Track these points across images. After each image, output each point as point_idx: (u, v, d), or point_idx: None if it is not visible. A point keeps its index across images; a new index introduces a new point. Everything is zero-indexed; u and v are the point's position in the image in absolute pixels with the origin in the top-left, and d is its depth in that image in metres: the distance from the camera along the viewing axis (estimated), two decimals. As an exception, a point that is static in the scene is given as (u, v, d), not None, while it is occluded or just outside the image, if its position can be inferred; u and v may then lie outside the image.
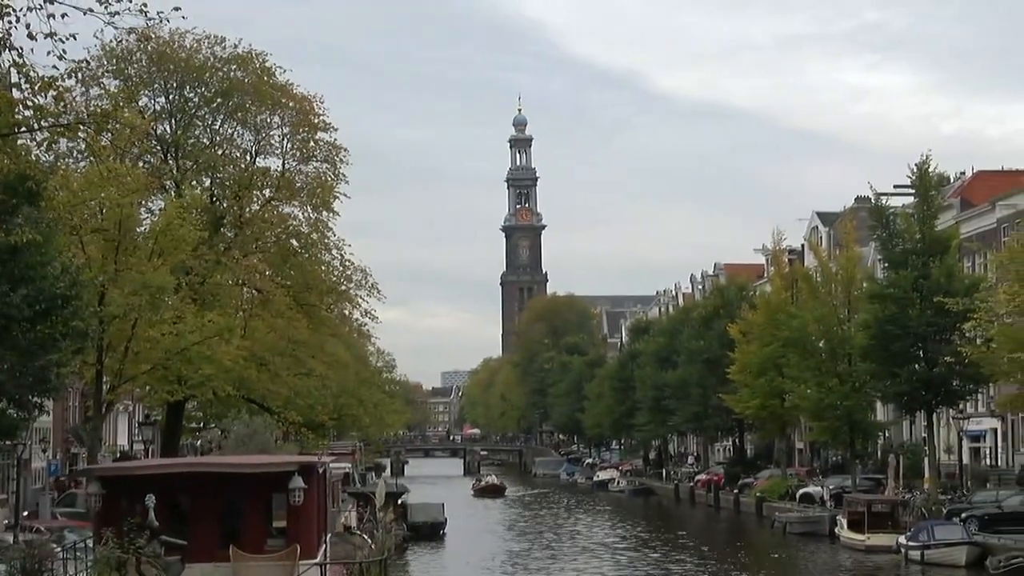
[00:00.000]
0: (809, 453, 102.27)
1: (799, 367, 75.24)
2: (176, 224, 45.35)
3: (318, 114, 56.51)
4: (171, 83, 55.74)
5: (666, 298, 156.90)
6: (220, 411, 64.79)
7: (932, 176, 67.20)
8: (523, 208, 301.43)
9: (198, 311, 48.51)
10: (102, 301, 42.60)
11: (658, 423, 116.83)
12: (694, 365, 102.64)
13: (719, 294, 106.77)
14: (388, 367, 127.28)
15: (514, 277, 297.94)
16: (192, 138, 56.34)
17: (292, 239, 57.47)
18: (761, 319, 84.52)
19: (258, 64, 55.80)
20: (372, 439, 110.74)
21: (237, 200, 55.37)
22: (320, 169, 56.93)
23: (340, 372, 67.04)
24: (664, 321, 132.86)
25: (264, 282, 54.62)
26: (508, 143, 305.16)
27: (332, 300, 58.92)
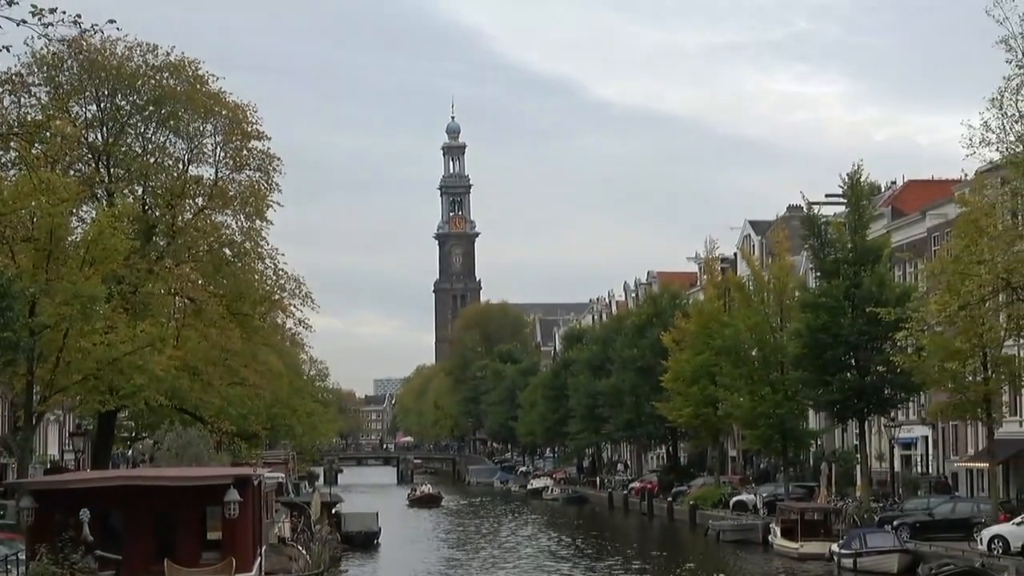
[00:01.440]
0: (742, 461, 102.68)
1: (732, 375, 75.55)
2: (108, 233, 45.00)
3: (251, 122, 56.36)
4: (102, 91, 55.29)
5: (599, 306, 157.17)
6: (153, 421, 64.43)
7: (863, 185, 67.67)
8: (456, 216, 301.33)
9: (130, 321, 48.17)
10: (33, 311, 42.17)
11: (591, 431, 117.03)
12: (627, 373, 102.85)
13: (652, 302, 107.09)
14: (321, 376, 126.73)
15: (447, 285, 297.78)
16: (124, 146, 55.90)
17: (225, 248, 57.17)
18: (694, 327, 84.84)
19: (191, 72, 55.51)
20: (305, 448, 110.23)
21: (170, 209, 55.05)
22: (253, 178, 56.76)
23: (273, 381, 66.77)
24: (597, 329, 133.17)
25: (197, 291, 54.36)
26: (441, 150, 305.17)
27: (265, 309, 58.68)
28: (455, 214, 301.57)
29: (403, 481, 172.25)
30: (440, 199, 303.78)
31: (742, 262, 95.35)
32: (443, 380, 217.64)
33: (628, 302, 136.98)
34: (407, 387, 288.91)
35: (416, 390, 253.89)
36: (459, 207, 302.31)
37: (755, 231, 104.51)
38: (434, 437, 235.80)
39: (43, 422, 68.38)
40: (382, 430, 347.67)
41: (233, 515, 29.09)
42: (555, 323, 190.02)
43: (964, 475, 72.13)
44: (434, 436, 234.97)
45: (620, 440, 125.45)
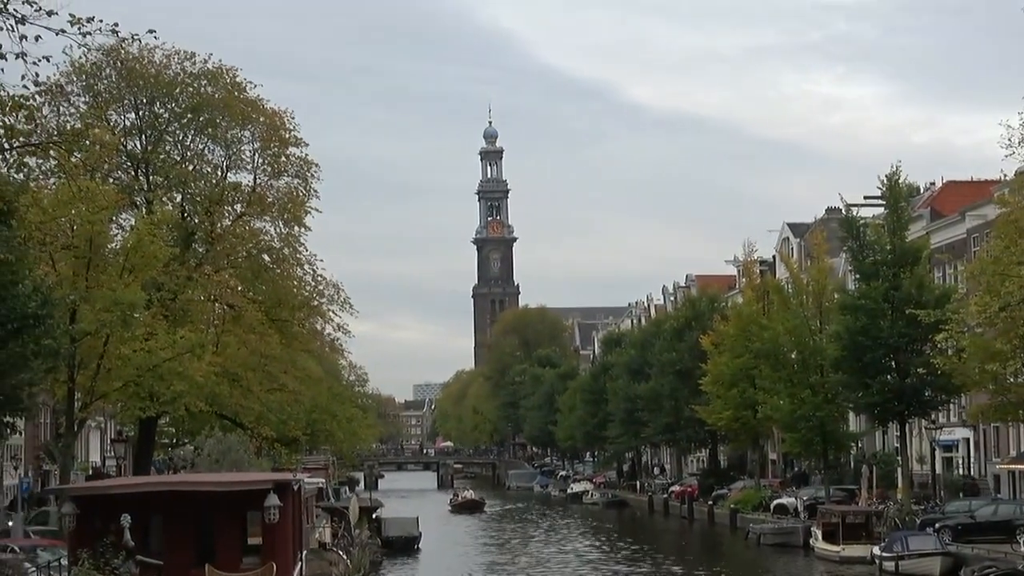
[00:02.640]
0: (782, 464, 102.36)
1: (771, 378, 75.32)
2: (147, 240, 45.28)
3: (289, 129, 56.59)
4: (141, 99, 55.64)
5: (638, 310, 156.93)
6: (193, 427, 64.66)
7: (902, 187, 67.34)
8: (494, 220, 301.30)
9: (170, 327, 48.43)
10: (73, 319, 42.48)
11: (631, 435, 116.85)
12: (666, 377, 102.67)
13: (691, 306, 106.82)
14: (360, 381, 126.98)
15: (486, 289, 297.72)
16: (162, 154, 56.24)
17: (264, 254, 57.44)
18: (733, 330, 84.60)
19: (228, 79, 55.76)
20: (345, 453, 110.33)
21: (208, 216, 55.29)
22: (291, 184, 57.01)
23: (312, 387, 66.99)
24: (636, 333, 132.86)
25: (236, 297, 54.58)
26: (479, 155, 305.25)
27: (304, 315, 58.91)
28: (493, 219, 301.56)
29: (443, 486, 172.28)
30: (478, 204, 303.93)
31: (780, 265, 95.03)
32: (482, 385, 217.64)
33: (666, 305, 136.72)
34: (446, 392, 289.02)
35: (455, 395, 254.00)
36: (497, 212, 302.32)
37: (793, 234, 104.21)
38: (473, 442, 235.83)
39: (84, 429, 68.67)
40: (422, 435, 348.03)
41: (273, 520, 29.17)
42: (594, 327, 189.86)
43: (1006, 477, 71.70)
44: (473, 441, 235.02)
45: (660, 444, 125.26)
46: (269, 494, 29.24)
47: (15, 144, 19.84)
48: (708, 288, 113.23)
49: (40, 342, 34.49)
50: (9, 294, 32.50)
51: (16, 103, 18.47)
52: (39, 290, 34.61)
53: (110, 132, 49.72)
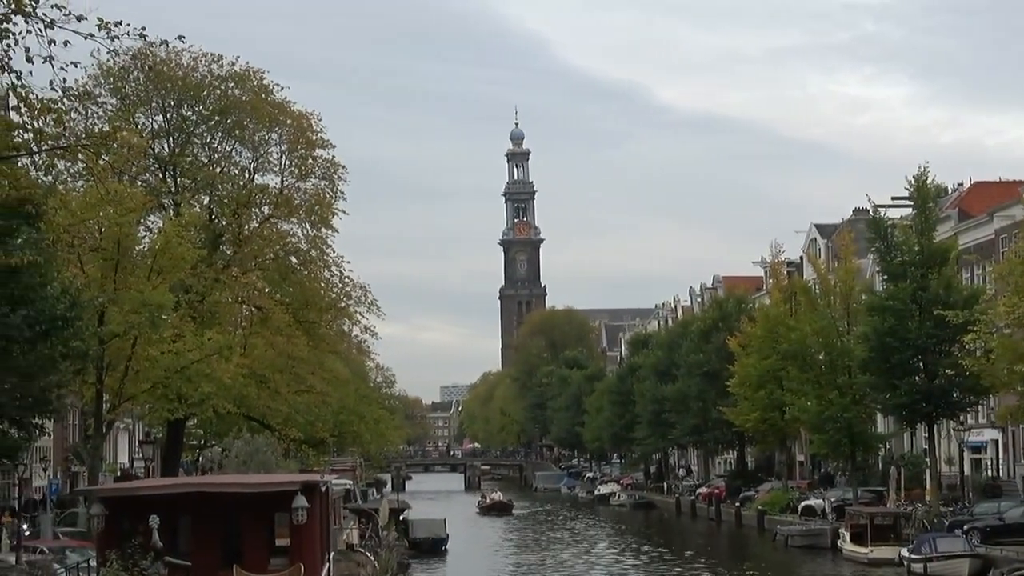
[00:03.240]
0: (810, 466, 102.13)
1: (799, 379, 75.17)
2: (175, 242, 45.41)
3: (316, 131, 56.67)
4: (168, 101, 55.81)
5: (665, 311, 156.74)
6: (221, 429, 64.85)
7: (930, 187, 67.14)
8: (521, 222, 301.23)
9: (197, 329, 48.56)
10: (102, 321, 42.63)
11: (658, 436, 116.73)
12: (693, 378, 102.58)
13: (718, 307, 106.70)
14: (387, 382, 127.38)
15: (512, 291, 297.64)
16: (190, 156, 56.40)
17: (291, 256, 57.56)
18: (760, 332, 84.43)
19: (255, 81, 55.90)
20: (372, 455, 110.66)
21: (236, 217, 55.41)
22: (318, 186, 57.09)
23: (340, 388, 67.11)
24: (663, 334, 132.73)
25: (263, 299, 54.68)
26: (505, 157, 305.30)
27: (331, 317, 59.00)
28: (519, 220, 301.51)
29: (470, 488, 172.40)
30: (504, 206, 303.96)
31: (808, 266, 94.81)
32: (509, 386, 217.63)
33: (694, 307, 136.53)
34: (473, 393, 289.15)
35: (482, 396, 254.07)
36: (523, 213, 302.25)
37: (821, 234, 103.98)
38: (500, 443, 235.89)
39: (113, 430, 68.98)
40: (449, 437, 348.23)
41: (301, 521, 29.22)
42: (620, 328, 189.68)
43: (1036, 478, 71.50)
44: (500, 442, 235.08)
45: (687, 445, 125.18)
46: (297, 495, 29.28)
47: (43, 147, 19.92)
48: (735, 289, 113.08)
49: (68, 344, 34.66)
50: (38, 296, 32.66)
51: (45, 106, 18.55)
52: (67, 292, 34.79)
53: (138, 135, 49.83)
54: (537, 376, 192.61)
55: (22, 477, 51.61)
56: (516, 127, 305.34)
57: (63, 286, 34.88)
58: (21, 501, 52.38)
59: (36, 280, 32.48)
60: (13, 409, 36.03)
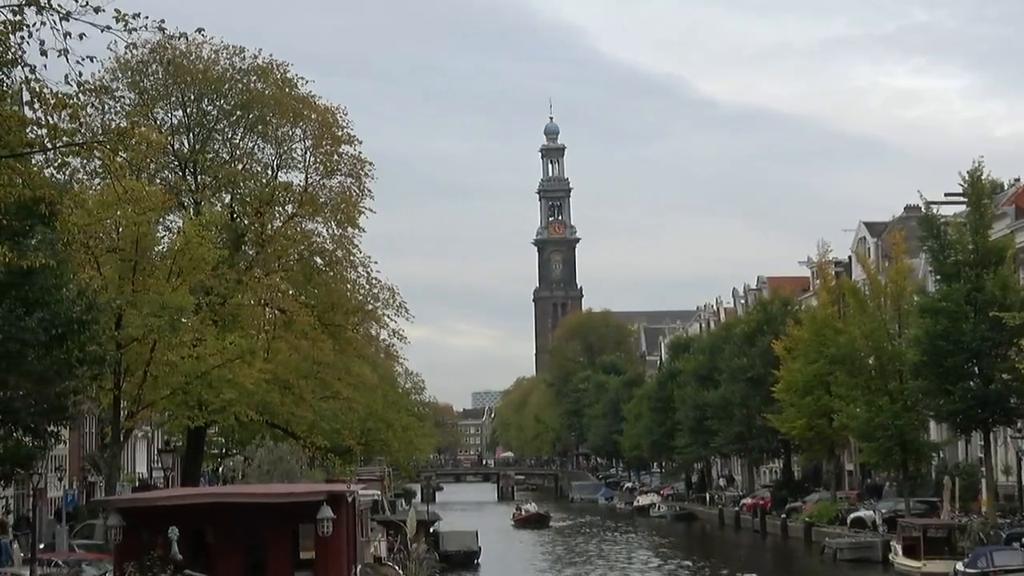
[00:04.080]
0: (859, 475, 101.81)
1: (847, 385, 74.94)
2: (195, 242, 45.52)
3: (342, 126, 56.72)
4: (188, 96, 55.96)
5: (706, 313, 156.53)
6: (243, 437, 65.03)
7: (985, 183, 66.76)
8: (556, 221, 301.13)
9: (219, 333, 48.70)
10: (119, 324, 42.81)
11: (700, 445, 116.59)
12: (737, 384, 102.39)
13: (762, 309, 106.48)
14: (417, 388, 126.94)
15: (547, 293, 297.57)
16: (211, 153, 56.56)
17: (316, 256, 57.66)
18: (807, 335, 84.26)
19: (279, 75, 55.99)
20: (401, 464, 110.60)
21: (258, 216, 55.50)
22: (344, 183, 57.16)
23: (367, 395, 67.17)
24: (705, 338, 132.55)
25: (287, 302, 54.75)
26: (539, 153, 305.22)
27: (358, 320, 59.06)
28: (554, 219, 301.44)
29: (503, 498, 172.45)
30: (539, 204, 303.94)
31: (857, 266, 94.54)
32: (544, 392, 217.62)
33: (737, 309, 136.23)
34: (506, 400, 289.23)
35: (516, 403, 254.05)
36: (558, 212, 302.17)
37: (870, 233, 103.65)
38: (535, 452, 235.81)
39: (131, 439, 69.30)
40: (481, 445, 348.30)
41: (326, 533, 29.24)
42: (660, 332, 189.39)
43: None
44: (535, 451, 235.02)
45: (730, 454, 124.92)
46: (322, 506, 29.32)
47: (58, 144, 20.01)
48: (780, 290, 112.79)
49: (85, 348, 34.80)
50: (53, 299, 32.80)
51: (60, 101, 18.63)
52: (83, 294, 34.93)
53: (156, 130, 49.99)
54: (573, 382, 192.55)
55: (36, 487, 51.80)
56: (551, 121, 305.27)
57: (79, 288, 35.03)
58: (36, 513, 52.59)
59: (51, 282, 32.63)
60: (28, 416, 36.19)
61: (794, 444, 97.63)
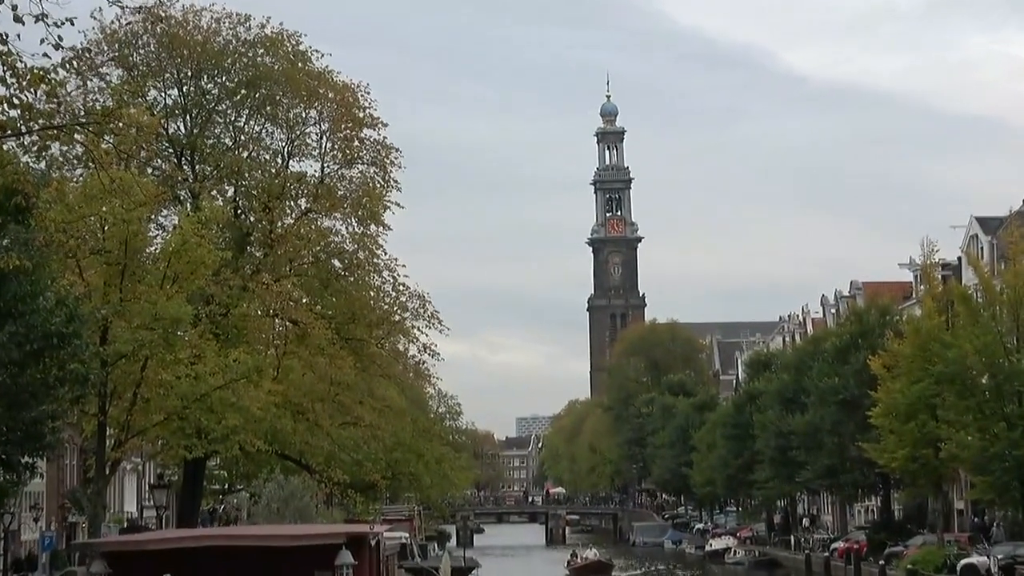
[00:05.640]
0: (971, 514, 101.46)
1: (957, 408, 74.69)
2: (193, 243, 45.60)
3: (363, 107, 56.82)
4: (185, 72, 56.16)
5: (791, 325, 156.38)
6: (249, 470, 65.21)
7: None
8: (614, 217, 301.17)
9: (221, 348, 48.79)
10: (105, 338, 42.92)
11: (783, 479, 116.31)
12: (827, 407, 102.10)
13: (857, 320, 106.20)
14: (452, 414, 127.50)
15: (604, 301, 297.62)
16: (212, 138, 56.76)
17: (334, 259, 57.77)
18: (909, 350, 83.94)
19: (290, 47, 56.14)
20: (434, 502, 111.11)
21: (267, 212, 55.64)
22: (366, 173, 57.23)
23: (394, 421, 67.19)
24: (789, 354, 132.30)
25: (300, 312, 54.79)
26: (594, 137, 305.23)
27: (383, 333, 59.10)
28: (612, 215, 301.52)
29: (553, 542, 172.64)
30: (594, 197, 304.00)
31: (968, 268, 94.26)
32: (600, 418, 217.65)
33: (827, 319, 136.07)
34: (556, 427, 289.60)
35: (568, 430, 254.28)
36: (617, 206, 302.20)
37: (984, 230, 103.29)
38: (590, 488, 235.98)
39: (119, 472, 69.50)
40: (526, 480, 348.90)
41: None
42: (737, 347, 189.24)
43: None
44: (590, 486, 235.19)
45: (819, 490, 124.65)
46: (341, 551, 29.37)
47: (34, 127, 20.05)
48: (878, 298, 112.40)
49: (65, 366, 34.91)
50: (28, 308, 32.90)
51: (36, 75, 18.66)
52: (64, 303, 35.04)
53: (148, 112, 50.20)
54: (635, 405, 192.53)
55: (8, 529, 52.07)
56: (608, 100, 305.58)
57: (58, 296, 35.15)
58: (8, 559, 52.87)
59: (26, 289, 32.75)
60: (-1, 445, 36.34)
61: (894, 478, 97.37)
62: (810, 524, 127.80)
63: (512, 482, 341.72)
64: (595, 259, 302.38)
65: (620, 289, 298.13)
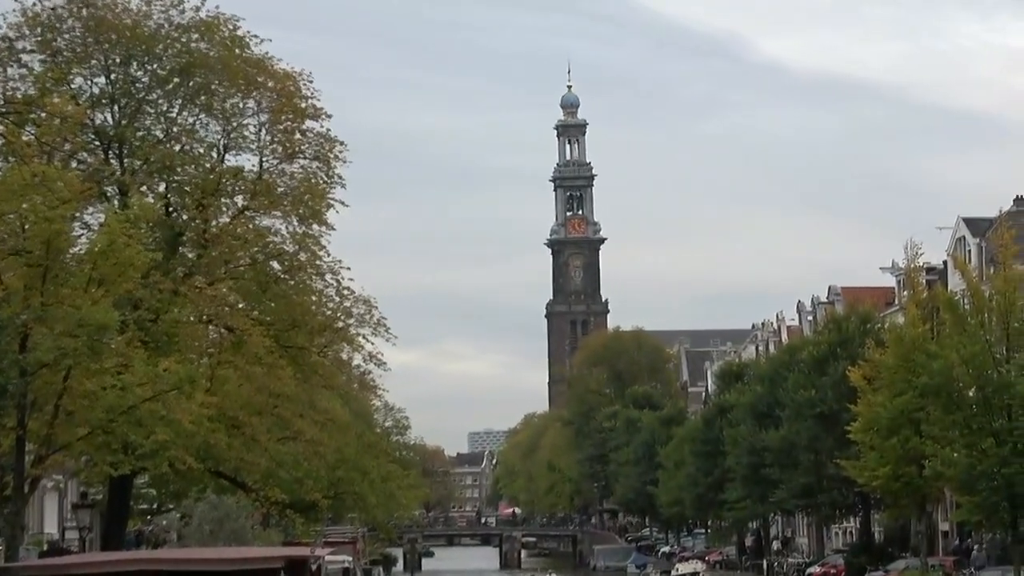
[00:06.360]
0: (956, 537, 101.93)
1: (943, 423, 74.95)
2: (121, 243, 45.42)
3: (306, 97, 56.79)
4: (113, 59, 55.97)
5: (765, 333, 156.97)
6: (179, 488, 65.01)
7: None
8: (575, 216, 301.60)
9: (150, 357, 48.61)
10: (25, 345, 42.74)
11: (756, 499, 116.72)
12: (803, 422, 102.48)
13: (836, 327, 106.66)
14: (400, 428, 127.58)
15: (564, 307, 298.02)
16: (141, 130, 56.57)
17: (273, 261, 57.66)
18: (892, 360, 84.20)
19: (227, 32, 56.01)
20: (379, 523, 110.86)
21: (201, 210, 55.54)
22: (309, 169, 57.21)
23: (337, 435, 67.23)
24: (763, 364, 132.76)
25: (236, 318, 54.76)
26: (555, 130, 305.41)
27: (326, 341, 59.09)
28: (573, 214, 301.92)
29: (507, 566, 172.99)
30: (554, 194, 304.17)
31: (955, 273, 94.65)
32: (559, 433, 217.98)
33: (803, 327, 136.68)
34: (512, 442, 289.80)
35: (524, 446, 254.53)
36: (578, 205, 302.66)
37: (972, 232, 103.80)
38: (548, 508, 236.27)
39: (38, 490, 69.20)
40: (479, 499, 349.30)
41: (285, 610, 29.35)
42: (706, 356, 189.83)
43: None
44: (547, 506, 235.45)
45: (794, 511, 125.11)
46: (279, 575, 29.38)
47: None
48: (859, 304, 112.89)
49: (-20, 377, 34.78)
50: (-60, 314, 32.81)
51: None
52: (-21, 308, 34.92)
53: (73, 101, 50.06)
54: (597, 419, 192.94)
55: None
56: (569, 90, 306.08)
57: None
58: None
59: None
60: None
61: (874, 498, 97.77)
62: (782, 547, 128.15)
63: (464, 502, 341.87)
64: (554, 261, 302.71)
65: (581, 294, 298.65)
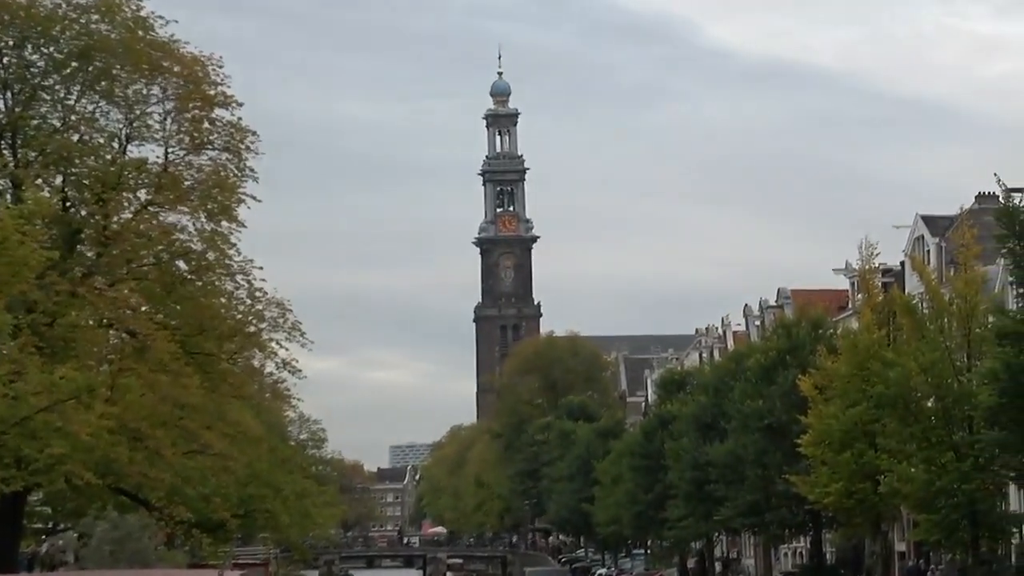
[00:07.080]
0: (914, 558, 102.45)
1: (899, 436, 75.26)
2: (14, 241, 45.33)
3: (215, 83, 56.71)
4: (5, 41, 55.82)
5: (710, 339, 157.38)
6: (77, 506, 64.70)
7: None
8: (506, 213, 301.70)
9: (45, 364, 48.45)
10: (-93, 352, 42.63)
11: (699, 517, 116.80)
12: (750, 435, 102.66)
13: (785, 333, 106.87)
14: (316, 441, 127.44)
15: (494, 310, 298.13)
16: (37, 118, 56.38)
17: (178, 260, 57.53)
18: (845, 369, 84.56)
19: (129, 13, 55.88)
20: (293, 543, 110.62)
21: (100, 205, 55.34)
22: (218, 160, 57.10)
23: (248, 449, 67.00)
24: (707, 372, 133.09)
25: (139, 322, 54.55)
26: (484, 120, 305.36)
27: (236, 347, 59.00)
28: (504, 210, 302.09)
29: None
30: (483, 189, 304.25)
31: (913, 275, 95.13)
32: (488, 446, 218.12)
33: (751, 333, 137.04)
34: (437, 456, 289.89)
35: (450, 461, 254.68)
36: (509, 200, 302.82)
37: (931, 231, 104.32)
38: (475, 527, 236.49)
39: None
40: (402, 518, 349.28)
41: (191, 637, 29.40)
42: (646, 364, 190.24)
43: None
44: (475, 526, 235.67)
45: (740, 530, 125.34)
46: (185, 600, 29.44)
47: None
48: (810, 308, 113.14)
49: None
50: None
51: None
52: None
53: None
54: (528, 432, 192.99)
55: None
56: (499, 78, 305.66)
57: None
58: None
59: None
60: None
61: (826, 516, 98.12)
62: (726, 569, 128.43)
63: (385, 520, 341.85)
64: (483, 262, 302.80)
65: (512, 297, 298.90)
